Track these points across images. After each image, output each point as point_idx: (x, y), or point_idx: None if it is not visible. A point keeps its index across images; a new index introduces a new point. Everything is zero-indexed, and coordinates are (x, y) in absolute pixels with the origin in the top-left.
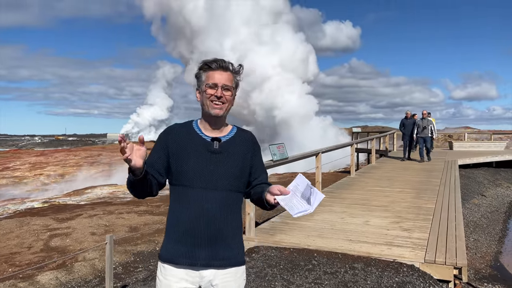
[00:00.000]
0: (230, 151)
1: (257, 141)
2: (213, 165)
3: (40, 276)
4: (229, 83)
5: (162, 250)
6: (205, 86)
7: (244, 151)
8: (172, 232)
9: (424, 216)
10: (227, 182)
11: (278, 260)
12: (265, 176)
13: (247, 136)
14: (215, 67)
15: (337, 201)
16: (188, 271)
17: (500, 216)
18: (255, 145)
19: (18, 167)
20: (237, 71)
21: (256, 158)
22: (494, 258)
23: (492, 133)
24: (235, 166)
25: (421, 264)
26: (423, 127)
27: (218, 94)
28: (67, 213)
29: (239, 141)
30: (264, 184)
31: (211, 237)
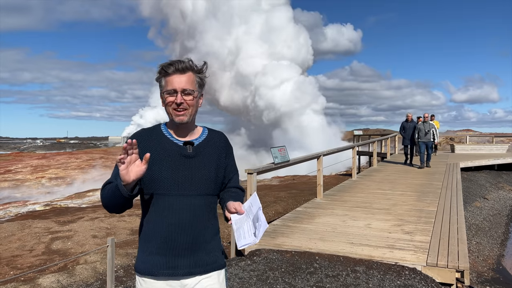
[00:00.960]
0: (204, 154)
1: (229, 141)
2: (188, 170)
3: (42, 279)
4: (190, 86)
5: (138, 262)
6: (165, 93)
7: (218, 153)
8: (148, 243)
9: (426, 219)
10: (204, 187)
11: (279, 263)
12: (237, 178)
13: (219, 137)
14: (172, 71)
15: (339, 204)
16: (169, 282)
17: (502, 219)
18: (228, 146)
19: (20, 170)
20: (199, 70)
21: (229, 159)
22: (496, 261)
23: (494, 135)
24: (211, 169)
25: (423, 267)
26: (425, 131)
27: (178, 101)
28: (68, 216)
29: (212, 143)
30: (232, 189)
31: (190, 245)
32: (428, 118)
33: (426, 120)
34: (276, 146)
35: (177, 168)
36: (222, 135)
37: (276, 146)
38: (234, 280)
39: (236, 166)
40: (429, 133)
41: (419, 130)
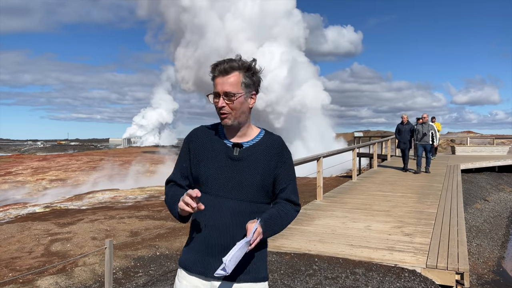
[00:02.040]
0: (251, 158)
1: (286, 147)
2: (231, 172)
3: (40, 281)
4: (232, 88)
5: (181, 254)
6: (210, 96)
7: (267, 159)
8: (190, 238)
9: (426, 221)
10: (246, 192)
11: (278, 265)
12: (291, 189)
13: (273, 141)
14: (217, 73)
15: (339, 205)
16: (201, 280)
17: (503, 221)
18: (282, 152)
19: (21, 172)
20: (248, 67)
21: (282, 167)
22: (496, 263)
23: (494, 137)
24: (255, 174)
25: (423, 269)
26: (423, 133)
27: (219, 105)
28: (68, 218)
29: (263, 147)
30: (282, 202)
31: (225, 248)
32: (427, 119)
33: (424, 121)
34: None
35: (222, 169)
36: (277, 140)
37: None
38: None
39: (293, 175)
40: (427, 135)
41: (417, 132)
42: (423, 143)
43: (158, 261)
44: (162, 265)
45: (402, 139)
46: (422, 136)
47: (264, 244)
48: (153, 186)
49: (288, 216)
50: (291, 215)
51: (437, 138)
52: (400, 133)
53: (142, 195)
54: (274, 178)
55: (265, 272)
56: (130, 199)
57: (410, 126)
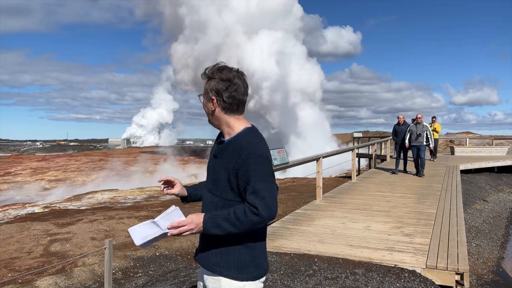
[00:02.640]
0: (222, 156)
1: (247, 151)
2: (211, 167)
3: (40, 281)
4: (203, 91)
5: None
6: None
7: (229, 157)
8: None
9: (425, 221)
10: (217, 188)
11: (278, 265)
12: (250, 189)
13: (237, 144)
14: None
15: (338, 206)
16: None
17: (502, 221)
18: (240, 153)
19: (20, 172)
20: (206, 75)
21: (242, 168)
22: (496, 263)
23: (493, 138)
24: (221, 171)
25: (423, 269)
26: (417, 134)
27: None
28: (67, 218)
29: (230, 148)
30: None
31: (202, 236)
32: (421, 119)
33: (419, 121)
34: (275, 148)
35: (209, 165)
36: (241, 143)
37: (275, 148)
38: None
39: (255, 177)
40: (421, 135)
41: (411, 133)
42: (416, 144)
43: (158, 262)
44: (161, 265)
45: (399, 141)
46: (417, 137)
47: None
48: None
49: (243, 218)
50: (247, 218)
51: (432, 139)
52: (397, 134)
53: (141, 196)
54: (236, 176)
55: (229, 270)
56: (130, 199)
57: (407, 127)
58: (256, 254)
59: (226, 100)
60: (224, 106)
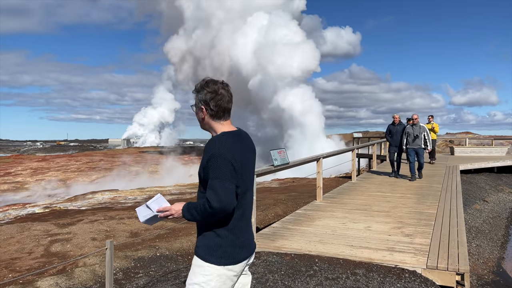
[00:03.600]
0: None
1: (211, 151)
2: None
3: (40, 282)
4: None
5: None
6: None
7: (202, 158)
8: None
9: (425, 221)
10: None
11: (279, 265)
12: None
13: (207, 146)
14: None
15: (338, 206)
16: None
17: (502, 221)
18: (204, 157)
19: (20, 173)
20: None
21: (205, 169)
22: (496, 264)
23: (493, 138)
24: (200, 169)
25: (423, 270)
26: (415, 135)
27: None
28: (68, 219)
29: (204, 149)
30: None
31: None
32: (417, 120)
33: (415, 122)
34: (276, 149)
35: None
36: (212, 142)
37: (275, 149)
38: None
39: (212, 172)
40: (419, 137)
41: (408, 135)
42: (414, 147)
43: (159, 262)
44: (162, 265)
45: (394, 142)
46: (414, 139)
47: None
48: (152, 187)
49: (202, 207)
50: (204, 208)
51: (430, 140)
52: (392, 135)
53: (141, 196)
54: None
55: (199, 250)
56: (130, 199)
57: (403, 127)
58: (225, 242)
59: (213, 108)
60: (212, 114)
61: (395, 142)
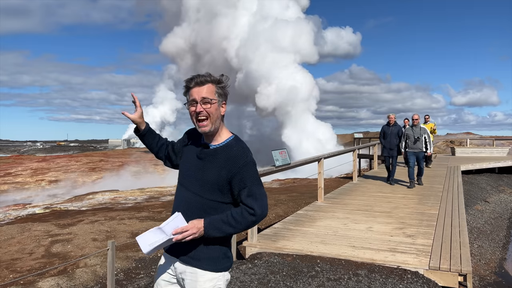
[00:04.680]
0: (211, 160)
1: (242, 155)
2: (194, 168)
3: (41, 283)
4: (209, 95)
5: None
6: (188, 104)
7: (220, 166)
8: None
9: (427, 222)
10: (201, 188)
11: (281, 266)
12: (246, 192)
13: (230, 152)
14: (193, 85)
15: (340, 207)
16: (168, 261)
17: (504, 222)
18: (237, 159)
19: (20, 173)
20: (219, 81)
21: (238, 173)
22: (498, 264)
23: (494, 138)
24: (211, 174)
25: (426, 270)
26: (415, 138)
27: (198, 110)
28: (68, 219)
29: (221, 154)
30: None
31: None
32: (417, 121)
33: (415, 123)
34: (277, 149)
35: (190, 164)
36: (235, 152)
37: (276, 149)
38: (235, 284)
39: (250, 181)
40: (420, 140)
41: (407, 137)
42: (415, 150)
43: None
44: None
45: (388, 144)
46: (414, 142)
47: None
48: (152, 187)
49: (240, 219)
50: (244, 218)
51: (431, 144)
52: (386, 136)
53: (142, 196)
54: (229, 181)
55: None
56: (130, 200)
57: (398, 128)
58: (228, 248)
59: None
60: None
61: (389, 144)
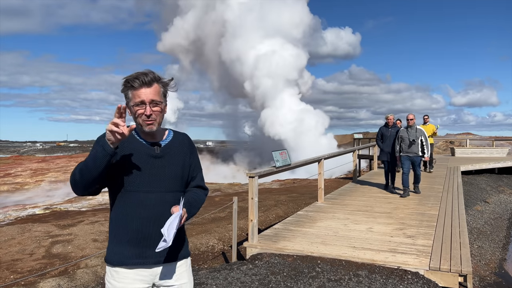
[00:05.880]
0: (170, 155)
1: (192, 142)
2: (156, 169)
3: (42, 283)
4: (157, 97)
5: (110, 254)
6: (134, 105)
7: (183, 153)
8: (120, 235)
9: (427, 222)
10: (171, 184)
11: (281, 267)
12: (200, 176)
13: (183, 138)
14: (138, 85)
15: (340, 207)
16: (140, 271)
17: (504, 222)
18: (191, 147)
19: (20, 174)
20: (164, 82)
21: (193, 158)
22: (498, 265)
23: (494, 139)
24: (177, 168)
25: (426, 271)
26: (410, 140)
27: (148, 113)
28: (68, 220)
29: (177, 144)
30: (194, 189)
31: (158, 237)
32: (413, 121)
33: (410, 123)
34: (278, 150)
35: (146, 167)
36: (186, 136)
37: (277, 150)
38: (236, 284)
39: (200, 165)
40: (416, 143)
41: (401, 139)
42: (410, 154)
43: None
44: None
45: (387, 148)
46: (409, 145)
47: (183, 227)
48: None
49: (201, 200)
50: (203, 199)
51: (428, 147)
52: (384, 139)
53: None
54: (188, 168)
55: (187, 250)
56: None
57: (397, 130)
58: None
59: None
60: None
61: (387, 147)
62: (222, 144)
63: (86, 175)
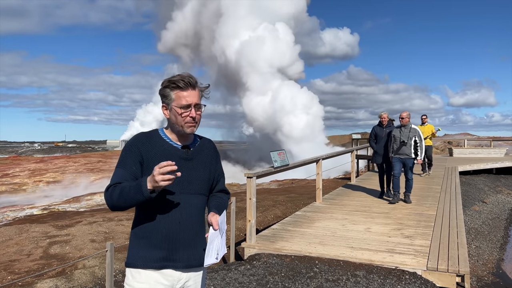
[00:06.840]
0: (199, 158)
1: (216, 149)
2: (187, 171)
3: (40, 284)
4: (199, 101)
5: (134, 257)
6: (178, 107)
7: (210, 157)
8: (147, 238)
9: (425, 223)
10: (200, 187)
11: (279, 267)
12: (223, 181)
13: (209, 143)
14: (183, 85)
15: (338, 208)
16: (165, 275)
17: (501, 223)
18: (216, 151)
19: (18, 174)
20: (202, 87)
21: (218, 163)
22: (496, 265)
23: (492, 139)
24: (205, 171)
25: (424, 271)
26: (402, 141)
27: (193, 115)
28: (66, 220)
29: (204, 148)
30: (218, 194)
31: (190, 240)
32: (406, 120)
33: (404, 122)
34: (276, 150)
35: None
36: (211, 141)
37: (275, 150)
38: (233, 285)
39: (223, 170)
40: (408, 144)
41: (393, 139)
42: (401, 156)
43: None
44: None
45: (380, 149)
46: (400, 146)
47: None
48: None
49: (226, 205)
50: (227, 203)
51: (422, 148)
52: (378, 139)
53: None
54: (214, 173)
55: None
56: None
57: (392, 130)
58: None
59: None
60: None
61: (381, 149)
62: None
63: (122, 205)
